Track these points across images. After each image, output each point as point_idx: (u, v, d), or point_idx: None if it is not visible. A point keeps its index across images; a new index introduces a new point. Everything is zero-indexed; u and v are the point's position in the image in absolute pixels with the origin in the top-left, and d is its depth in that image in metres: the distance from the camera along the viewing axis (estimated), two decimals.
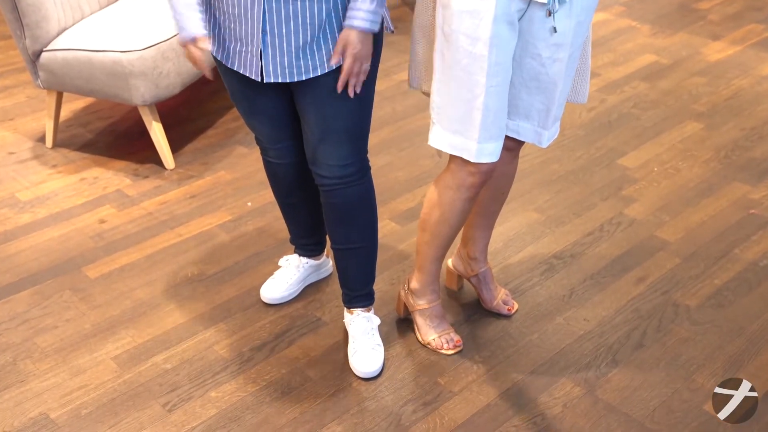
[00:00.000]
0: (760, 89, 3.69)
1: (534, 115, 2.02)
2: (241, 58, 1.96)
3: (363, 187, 2.12)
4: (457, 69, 1.87)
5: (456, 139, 1.94)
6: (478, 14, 1.81)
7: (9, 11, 2.94)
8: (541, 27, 1.88)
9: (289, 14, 1.87)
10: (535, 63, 1.93)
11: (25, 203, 2.94)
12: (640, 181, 3.05)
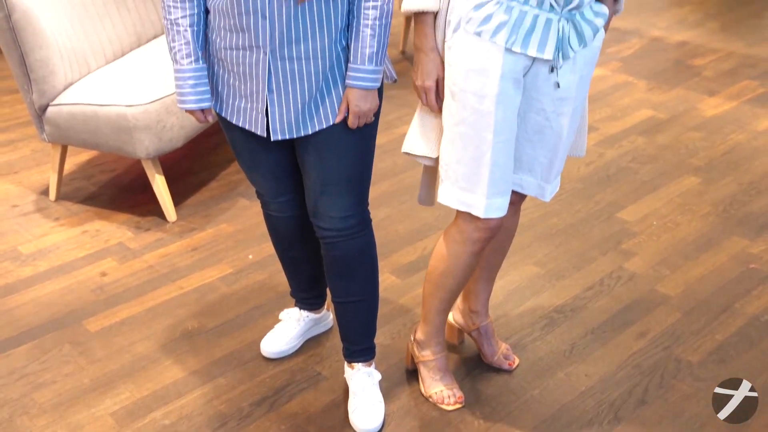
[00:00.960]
0: (756, 144, 3.71)
1: (537, 169, 2.03)
2: (247, 114, 1.97)
3: (364, 240, 2.11)
4: (465, 126, 1.89)
5: (464, 196, 1.95)
6: (485, 72, 1.83)
7: (17, 66, 2.97)
8: (545, 82, 1.90)
9: (294, 73, 1.89)
10: (539, 118, 1.95)
11: (27, 256, 2.93)
12: (639, 235, 3.04)
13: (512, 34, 1.81)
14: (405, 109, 3.99)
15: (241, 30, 1.86)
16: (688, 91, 4.28)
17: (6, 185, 3.40)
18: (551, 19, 1.82)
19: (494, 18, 1.80)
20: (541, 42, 1.83)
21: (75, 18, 3.16)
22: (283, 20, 1.82)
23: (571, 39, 1.87)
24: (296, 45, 1.86)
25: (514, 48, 1.82)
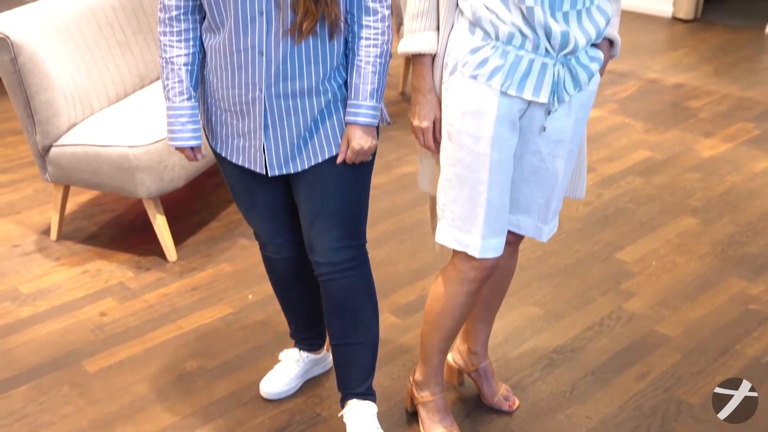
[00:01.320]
0: (752, 185, 3.73)
1: (534, 209, 2.04)
2: (245, 153, 1.99)
3: (360, 278, 2.11)
4: (460, 167, 1.90)
5: (460, 235, 1.95)
6: (480, 114, 1.85)
7: (22, 108, 3.00)
8: (540, 125, 1.92)
9: (290, 109, 1.91)
10: (535, 159, 1.96)
11: (27, 296, 2.92)
12: (638, 276, 3.04)
13: (508, 77, 1.83)
14: (404, 149, 4.01)
15: (238, 68, 1.88)
16: (685, 132, 4.31)
17: (8, 225, 3.40)
18: (547, 64, 1.84)
19: (490, 62, 1.83)
20: (537, 86, 1.85)
21: (80, 60, 3.19)
22: (279, 58, 1.84)
23: (567, 83, 1.88)
24: (291, 82, 1.88)
25: (509, 91, 1.84)
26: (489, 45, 1.83)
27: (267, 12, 1.80)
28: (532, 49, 1.83)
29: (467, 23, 1.85)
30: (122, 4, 3.45)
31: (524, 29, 1.80)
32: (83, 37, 3.23)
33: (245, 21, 1.82)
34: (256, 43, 1.83)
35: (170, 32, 1.93)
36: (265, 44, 1.83)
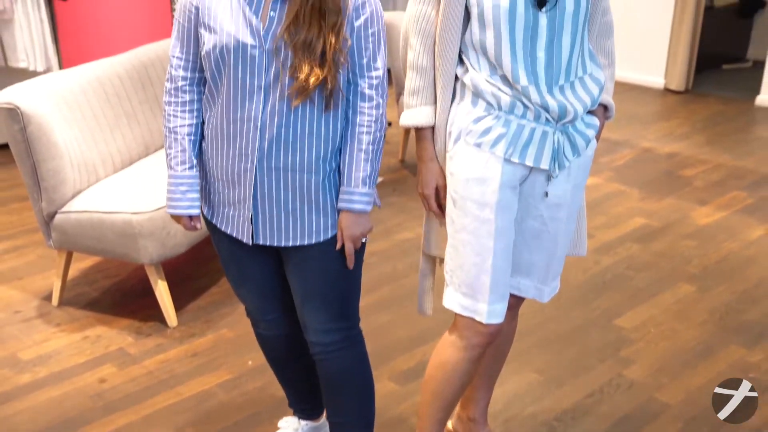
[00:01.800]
0: (748, 253, 3.74)
1: (534, 272, 2.06)
2: (233, 222, 1.99)
3: (351, 359, 2.09)
4: (465, 233, 1.91)
5: (467, 301, 1.95)
6: (485, 182, 1.88)
7: (29, 176, 3.02)
8: (542, 190, 1.95)
9: (279, 183, 1.92)
10: (536, 223, 1.99)
11: (26, 363, 2.90)
12: (637, 342, 3.02)
13: (510, 145, 1.87)
14: (404, 215, 4.03)
15: (232, 138, 1.89)
16: (680, 200, 4.34)
17: (10, 291, 3.39)
18: (547, 132, 1.88)
19: (493, 130, 1.86)
20: (538, 153, 1.88)
21: (87, 129, 3.23)
22: (273, 129, 1.85)
23: (566, 150, 1.92)
24: (284, 156, 1.88)
25: (512, 159, 1.87)
26: (492, 115, 1.87)
27: (266, 86, 1.83)
28: (533, 119, 1.87)
29: (470, 95, 1.90)
30: (129, 75, 3.51)
31: (525, 101, 1.85)
32: (90, 106, 3.28)
33: (243, 94, 1.85)
34: (252, 115, 1.85)
35: (175, 102, 1.96)
36: (260, 117, 1.85)
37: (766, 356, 2.94)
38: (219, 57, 1.84)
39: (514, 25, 1.81)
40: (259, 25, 1.81)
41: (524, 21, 1.81)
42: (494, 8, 1.80)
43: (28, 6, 4.52)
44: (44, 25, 4.62)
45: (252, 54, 1.82)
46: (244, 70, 1.83)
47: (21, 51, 4.57)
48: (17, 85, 3.05)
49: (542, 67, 1.84)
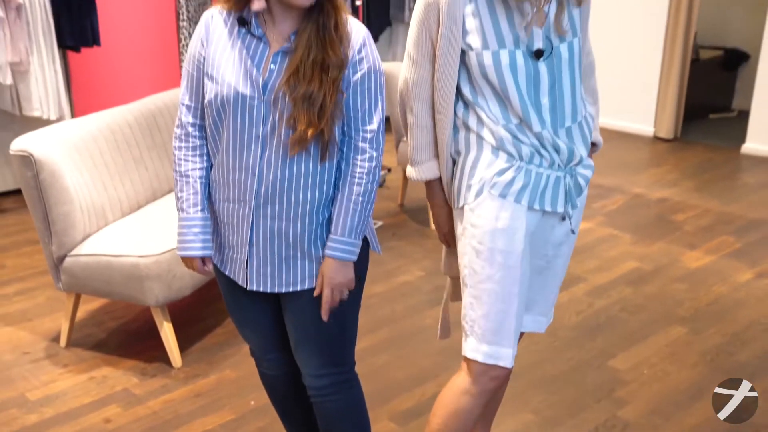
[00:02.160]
0: (738, 296, 3.74)
1: (535, 306, 2.09)
2: (232, 264, 2.00)
3: (345, 402, 2.07)
4: (491, 283, 1.91)
5: (492, 349, 1.92)
6: (512, 231, 1.90)
7: (40, 220, 3.04)
8: (550, 231, 2.00)
9: (274, 231, 1.91)
10: (541, 262, 2.03)
11: (34, 403, 2.88)
12: (631, 383, 3.01)
13: (533, 193, 1.91)
14: (403, 259, 4.04)
15: (232, 184, 1.90)
16: (671, 244, 4.35)
17: (19, 332, 3.38)
18: (559, 177, 1.93)
19: (516, 181, 1.90)
20: (554, 198, 1.94)
21: (97, 175, 3.26)
22: (270, 178, 1.86)
23: (574, 190, 1.97)
24: (279, 204, 1.88)
25: (535, 206, 1.91)
26: (514, 166, 1.90)
27: (263, 136, 1.84)
28: (548, 166, 1.92)
29: (490, 148, 1.92)
30: (138, 123, 3.55)
31: (541, 150, 1.89)
32: (101, 153, 3.31)
33: (242, 142, 1.85)
34: (251, 164, 1.85)
35: (185, 147, 1.97)
36: (258, 165, 1.85)
37: (759, 396, 2.92)
38: (220, 107, 1.85)
39: (517, 76, 1.85)
40: (258, 77, 1.83)
41: (525, 71, 1.85)
42: (495, 64, 1.84)
43: (43, 58, 4.59)
44: (58, 76, 4.68)
45: (251, 105, 1.83)
46: (243, 120, 1.84)
47: (35, 101, 4.62)
48: (31, 134, 3.08)
49: (548, 112, 1.89)
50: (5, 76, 4.46)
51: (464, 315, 1.98)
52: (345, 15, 1.87)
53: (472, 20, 1.85)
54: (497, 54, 1.83)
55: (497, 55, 1.83)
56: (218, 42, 1.88)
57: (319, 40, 1.81)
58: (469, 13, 1.85)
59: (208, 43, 1.88)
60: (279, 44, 1.85)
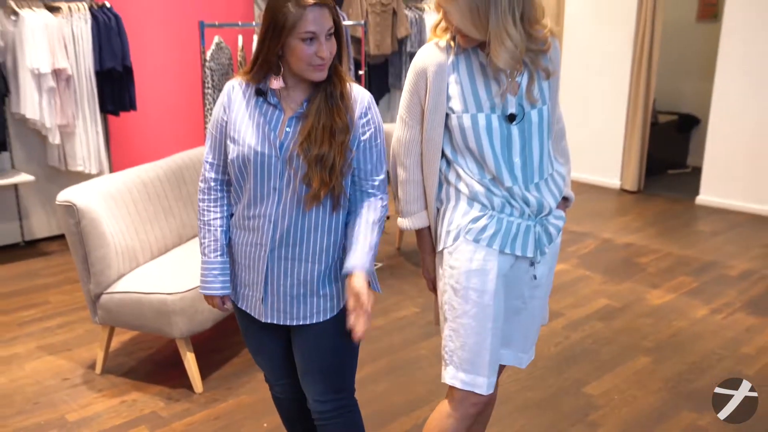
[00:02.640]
0: (696, 330, 3.73)
1: (514, 343, 2.06)
2: (248, 300, 2.00)
3: (345, 426, 2.05)
4: (467, 318, 1.91)
5: (468, 377, 1.93)
6: (485, 272, 1.90)
7: (80, 262, 3.05)
8: (525, 274, 1.98)
9: (287, 271, 1.91)
10: (518, 302, 2.01)
11: (72, 424, 2.86)
12: (603, 408, 2.99)
13: (504, 239, 1.91)
14: (400, 296, 4.04)
15: (251, 229, 1.91)
16: (636, 284, 4.35)
17: (60, 361, 3.37)
18: (529, 226, 1.93)
19: (489, 228, 1.90)
20: (524, 244, 1.93)
21: (130, 222, 3.28)
22: (284, 225, 1.87)
23: (544, 239, 1.96)
24: (292, 248, 1.89)
25: (505, 251, 1.91)
26: (487, 215, 1.91)
27: (279, 189, 1.85)
28: (519, 215, 1.92)
29: (466, 199, 1.94)
30: (167, 177, 3.58)
31: (511, 201, 1.90)
32: (134, 203, 3.34)
33: (261, 194, 1.87)
34: (268, 212, 1.87)
35: (208, 199, 1.99)
36: (274, 213, 1.87)
37: (714, 419, 2.90)
38: (241, 164, 1.87)
39: (492, 137, 1.87)
40: (275, 139, 1.85)
41: (500, 133, 1.88)
42: (473, 126, 1.87)
43: (87, 121, 4.65)
44: (99, 137, 4.73)
45: (269, 162, 1.85)
46: (262, 174, 1.86)
47: (79, 158, 4.67)
48: (74, 187, 3.11)
49: (519, 169, 1.91)
50: (54, 137, 4.52)
51: (444, 346, 1.97)
52: (349, 84, 1.90)
53: (455, 87, 1.89)
54: (475, 117, 1.86)
55: (475, 118, 1.86)
56: (239, 109, 1.90)
57: (328, 108, 1.84)
58: (453, 81, 1.89)
59: (230, 110, 1.91)
60: (293, 110, 1.87)
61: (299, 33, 1.75)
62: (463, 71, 1.88)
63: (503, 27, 1.76)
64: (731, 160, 5.76)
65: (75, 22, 4.48)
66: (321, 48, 1.77)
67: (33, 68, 4.31)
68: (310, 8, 1.75)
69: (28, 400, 3.03)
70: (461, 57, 1.89)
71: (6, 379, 3.20)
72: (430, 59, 1.90)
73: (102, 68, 4.61)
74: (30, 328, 3.67)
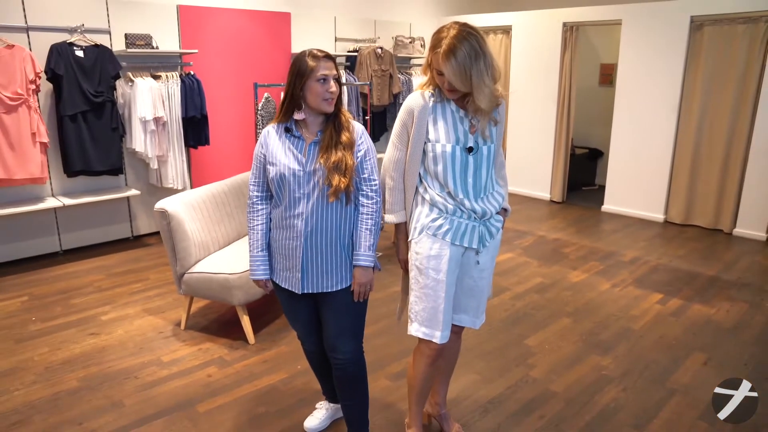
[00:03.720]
0: (601, 299, 3.73)
1: (470, 310, 2.05)
2: (288, 280, 1.98)
3: (357, 369, 2.04)
4: (427, 289, 1.92)
5: (428, 330, 1.94)
6: (439, 258, 1.90)
7: (170, 251, 3.06)
8: (473, 261, 1.97)
9: (318, 253, 1.91)
10: (470, 281, 2.00)
11: (165, 363, 2.87)
12: (537, 354, 2.99)
13: (455, 235, 1.91)
14: (394, 276, 4.03)
15: (287, 227, 1.91)
16: (561, 267, 4.35)
17: (157, 320, 3.38)
18: (475, 225, 1.93)
19: (443, 226, 1.91)
20: (470, 239, 1.93)
21: (204, 223, 3.29)
22: (314, 220, 1.87)
23: (486, 235, 1.96)
24: (321, 236, 1.89)
25: (455, 242, 1.91)
26: (442, 216, 1.91)
27: (308, 193, 1.87)
28: (467, 218, 1.92)
29: (428, 204, 1.94)
30: (230, 190, 3.58)
31: (462, 208, 1.90)
32: (207, 209, 3.35)
33: (295, 199, 1.88)
34: (300, 212, 1.87)
35: (253, 210, 1.99)
36: (305, 212, 1.87)
37: (613, 360, 2.91)
38: (279, 179, 1.88)
39: (454, 162, 1.88)
40: (302, 158, 1.87)
41: (460, 160, 1.88)
42: (443, 153, 1.88)
43: (176, 152, 4.67)
44: (184, 163, 4.74)
45: (298, 175, 1.86)
46: (294, 185, 1.87)
47: (170, 177, 4.68)
48: (166, 198, 3.12)
49: (471, 188, 1.91)
50: (153, 163, 4.54)
51: (410, 308, 1.98)
52: (350, 119, 1.93)
53: (431, 124, 1.89)
54: (444, 146, 1.87)
55: (444, 147, 1.87)
56: (274, 144, 1.91)
57: (336, 133, 1.87)
58: (431, 120, 1.89)
59: (267, 147, 1.92)
60: (311, 138, 1.89)
61: (315, 76, 1.81)
62: (439, 114, 1.89)
63: (482, 80, 1.77)
64: (624, 180, 5.78)
65: (170, 85, 4.51)
66: (330, 86, 1.82)
67: (141, 117, 4.34)
68: (323, 59, 1.83)
69: (136, 345, 3.04)
70: (438, 104, 1.90)
71: (122, 331, 3.21)
72: (416, 103, 1.90)
73: (186, 116, 4.63)
74: (137, 296, 3.68)
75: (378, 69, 6.01)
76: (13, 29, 3.94)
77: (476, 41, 1.75)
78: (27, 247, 4.27)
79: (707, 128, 5.16)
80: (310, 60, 1.82)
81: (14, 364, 2.82)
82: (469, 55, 1.74)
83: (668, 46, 5.23)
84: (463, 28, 1.76)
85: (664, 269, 4.25)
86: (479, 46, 1.75)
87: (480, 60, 1.75)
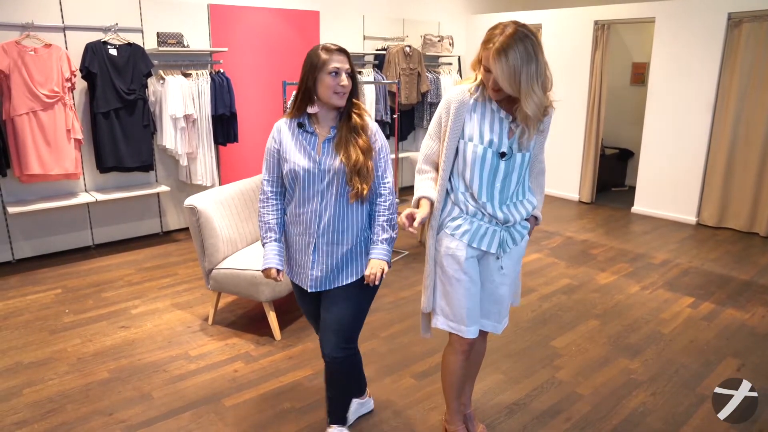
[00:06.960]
0: (630, 302, 3.66)
1: (491, 315, 2.02)
2: (300, 276, 1.98)
3: (349, 367, 2.01)
4: (448, 286, 1.92)
5: (453, 324, 1.94)
6: (458, 258, 1.89)
7: (199, 247, 3.11)
8: (494, 266, 1.94)
9: (329, 255, 1.91)
10: (492, 286, 1.97)
11: (193, 357, 2.92)
12: (564, 356, 2.95)
13: (473, 236, 1.88)
14: (420, 275, 4.03)
15: (301, 223, 1.90)
16: (589, 268, 4.28)
17: (185, 315, 3.43)
18: (496, 230, 1.90)
19: (462, 227, 1.89)
20: (489, 242, 1.90)
21: (231, 220, 3.31)
22: (327, 217, 1.87)
23: (508, 241, 1.92)
24: (333, 233, 1.88)
25: (472, 244, 1.89)
26: (462, 217, 1.89)
27: (321, 192, 1.86)
28: (488, 221, 1.88)
29: (451, 203, 1.93)
30: (257, 188, 3.58)
31: (482, 210, 1.87)
32: (235, 206, 3.37)
33: (308, 195, 1.87)
34: (314, 209, 1.87)
35: (266, 205, 1.97)
36: (318, 209, 1.87)
37: (642, 364, 2.85)
38: (293, 175, 1.88)
39: (483, 165, 1.85)
40: (315, 155, 1.86)
41: (490, 164, 1.85)
42: (473, 154, 1.86)
43: (205, 149, 4.73)
44: (213, 160, 4.80)
45: (312, 172, 1.86)
46: (307, 181, 1.86)
47: (200, 174, 4.75)
48: (195, 195, 3.16)
49: (498, 192, 1.87)
50: (183, 160, 4.62)
51: (436, 303, 1.96)
52: (365, 114, 1.89)
53: (468, 121, 1.86)
54: (476, 146, 1.84)
55: (476, 147, 1.84)
56: (287, 139, 1.91)
57: (350, 131, 1.86)
58: (468, 117, 1.85)
59: (280, 142, 1.91)
60: (324, 135, 1.88)
61: (327, 68, 1.80)
62: (478, 112, 1.85)
63: (531, 87, 1.71)
64: (656, 182, 5.65)
65: (200, 83, 4.58)
66: (342, 80, 1.81)
67: (171, 114, 4.42)
68: (335, 52, 1.81)
69: (164, 339, 3.10)
70: (479, 102, 1.85)
71: (151, 324, 3.28)
72: (455, 97, 1.86)
73: (216, 113, 4.70)
74: (166, 291, 3.75)
75: (406, 68, 6.01)
76: (51, 29, 4.06)
77: (531, 45, 1.67)
78: (61, 241, 4.40)
79: (743, 129, 5.01)
80: (322, 53, 1.82)
81: (48, 355, 2.91)
82: (521, 57, 1.66)
83: (703, 44, 5.09)
84: (520, 29, 1.68)
85: (695, 272, 4.15)
86: (533, 51, 1.67)
87: (532, 64, 1.67)
